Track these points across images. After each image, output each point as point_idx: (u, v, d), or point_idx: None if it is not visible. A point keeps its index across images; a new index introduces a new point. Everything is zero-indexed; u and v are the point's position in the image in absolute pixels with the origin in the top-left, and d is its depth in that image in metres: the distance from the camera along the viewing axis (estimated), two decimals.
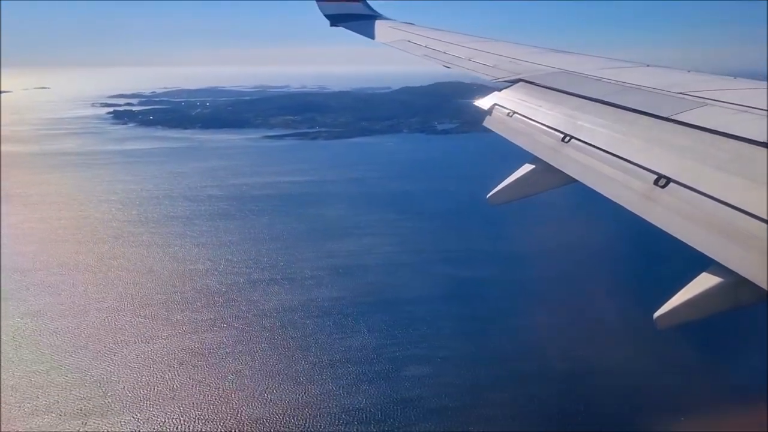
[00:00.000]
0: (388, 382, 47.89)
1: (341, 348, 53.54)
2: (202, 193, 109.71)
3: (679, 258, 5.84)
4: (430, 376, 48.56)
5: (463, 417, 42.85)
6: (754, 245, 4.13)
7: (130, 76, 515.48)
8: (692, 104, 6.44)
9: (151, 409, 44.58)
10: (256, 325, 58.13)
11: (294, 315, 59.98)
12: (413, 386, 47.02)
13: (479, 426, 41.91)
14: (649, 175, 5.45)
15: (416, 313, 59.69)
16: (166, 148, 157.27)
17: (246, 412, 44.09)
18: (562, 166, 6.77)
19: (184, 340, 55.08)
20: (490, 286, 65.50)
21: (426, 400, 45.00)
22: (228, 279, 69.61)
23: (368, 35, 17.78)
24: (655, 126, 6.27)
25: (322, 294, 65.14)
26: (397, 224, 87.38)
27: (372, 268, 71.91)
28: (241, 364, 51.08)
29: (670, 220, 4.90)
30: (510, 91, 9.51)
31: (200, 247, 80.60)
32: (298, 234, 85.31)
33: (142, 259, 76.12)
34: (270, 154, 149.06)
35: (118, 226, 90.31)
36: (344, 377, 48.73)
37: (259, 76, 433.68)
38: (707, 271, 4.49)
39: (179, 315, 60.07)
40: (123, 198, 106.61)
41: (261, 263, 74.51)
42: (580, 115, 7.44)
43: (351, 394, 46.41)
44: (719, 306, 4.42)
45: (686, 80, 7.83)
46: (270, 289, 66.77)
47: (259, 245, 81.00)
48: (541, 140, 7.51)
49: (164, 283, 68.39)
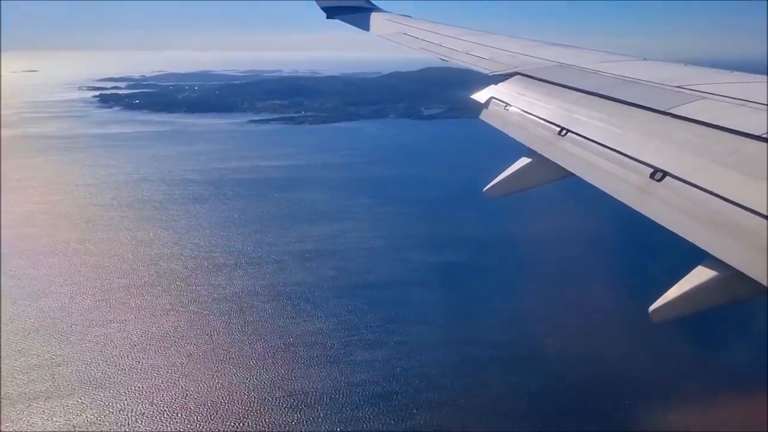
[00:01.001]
0: (338, 366, 47.73)
1: (297, 332, 53.29)
2: (181, 177, 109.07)
3: (674, 251, 5.92)
4: (382, 360, 48.41)
5: (406, 401, 42.73)
6: (749, 239, 4.14)
7: (121, 60, 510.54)
8: (689, 98, 6.45)
9: (98, 393, 44.38)
10: (214, 309, 57.81)
11: (254, 299, 59.69)
12: (362, 370, 46.85)
13: (422, 411, 41.82)
14: (645, 168, 5.45)
15: (378, 298, 59.49)
16: (149, 132, 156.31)
17: (194, 397, 43.89)
18: (558, 159, 6.77)
19: (139, 324, 54.78)
20: (459, 272, 65.19)
21: (372, 384, 44.84)
22: (192, 263, 69.24)
23: (364, 28, 17.70)
24: (651, 120, 6.28)
25: (285, 278, 64.83)
26: (372, 209, 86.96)
27: (340, 252, 71.56)
28: (194, 348, 50.89)
29: (666, 213, 4.90)
30: (507, 84, 9.54)
31: (170, 231, 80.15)
32: (271, 218, 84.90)
33: (110, 243, 75.64)
34: (254, 139, 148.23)
35: (92, 210, 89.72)
36: (295, 361, 48.54)
37: (251, 61, 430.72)
38: (702, 265, 4.49)
39: (138, 299, 59.77)
40: (100, 182, 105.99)
41: (229, 248, 74.14)
42: (577, 109, 7.44)
43: (299, 378, 46.23)
44: (714, 300, 4.44)
45: (683, 74, 7.84)
46: (234, 273, 66.42)
47: (229, 229, 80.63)
48: (537, 134, 7.51)
49: (128, 267, 68.00)
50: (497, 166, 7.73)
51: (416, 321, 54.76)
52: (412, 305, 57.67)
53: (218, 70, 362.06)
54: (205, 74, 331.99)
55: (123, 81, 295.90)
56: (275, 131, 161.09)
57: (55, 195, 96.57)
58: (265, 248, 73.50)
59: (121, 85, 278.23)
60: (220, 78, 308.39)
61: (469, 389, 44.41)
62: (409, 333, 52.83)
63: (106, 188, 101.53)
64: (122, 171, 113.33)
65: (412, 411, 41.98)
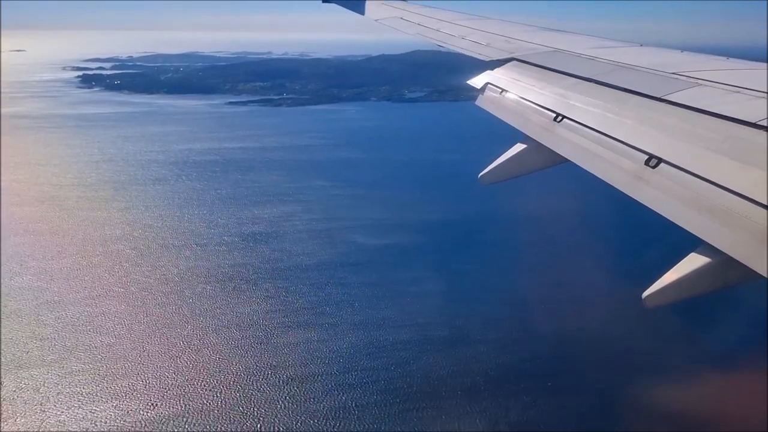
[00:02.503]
0: (265, 347, 47.60)
1: (231, 314, 53.10)
2: (144, 158, 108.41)
3: (668, 238, 5.98)
4: (307, 342, 48.28)
5: (322, 384, 42.67)
6: (743, 226, 4.15)
7: (111, 40, 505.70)
8: (684, 84, 6.47)
9: (23, 373, 44.02)
10: (154, 291, 57.61)
11: (196, 281, 59.43)
12: (286, 353, 46.74)
13: (335, 395, 41.76)
14: (640, 155, 5.46)
15: (316, 279, 59.33)
16: (123, 113, 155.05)
17: (111, 381, 43.60)
18: (553, 145, 6.77)
19: (77, 306, 54.37)
20: (399, 255, 65.00)
21: (291, 367, 44.73)
22: (141, 244, 68.86)
23: (359, 11, 17.59)
24: (647, 106, 6.29)
25: (230, 260, 64.54)
26: (326, 192, 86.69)
27: (288, 234, 71.33)
28: (124, 329, 50.61)
29: (660, 200, 4.94)
30: (503, 69, 9.54)
31: (123, 212, 79.67)
32: (226, 200, 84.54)
33: (61, 223, 75.19)
34: (227, 120, 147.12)
35: (49, 190, 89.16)
36: (223, 343, 48.38)
37: (242, 43, 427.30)
38: (696, 251, 4.52)
39: (77, 281, 59.42)
40: (63, 162, 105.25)
41: (179, 228, 73.79)
42: (573, 95, 7.45)
43: (224, 359, 46.09)
44: (708, 286, 4.49)
45: (679, 60, 7.89)
46: (180, 254, 66.13)
47: (183, 210, 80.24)
48: (533, 119, 7.51)
49: (75, 248, 67.57)
50: (465, 150, 7.40)
51: (351, 303, 54.64)
52: (349, 287, 57.53)
53: (207, 51, 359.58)
54: (193, 55, 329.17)
55: (109, 61, 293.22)
56: (251, 113, 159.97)
57: (16, 174, 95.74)
58: (215, 229, 73.17)
59: (106, 65, 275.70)
60: (208, 59, 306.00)
61: (390, 370, 44.39)
62: (342, 315, 52.70)
63: (68, 168, 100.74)
64: (87, 151, 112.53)
65: (327, 394, 41.88)
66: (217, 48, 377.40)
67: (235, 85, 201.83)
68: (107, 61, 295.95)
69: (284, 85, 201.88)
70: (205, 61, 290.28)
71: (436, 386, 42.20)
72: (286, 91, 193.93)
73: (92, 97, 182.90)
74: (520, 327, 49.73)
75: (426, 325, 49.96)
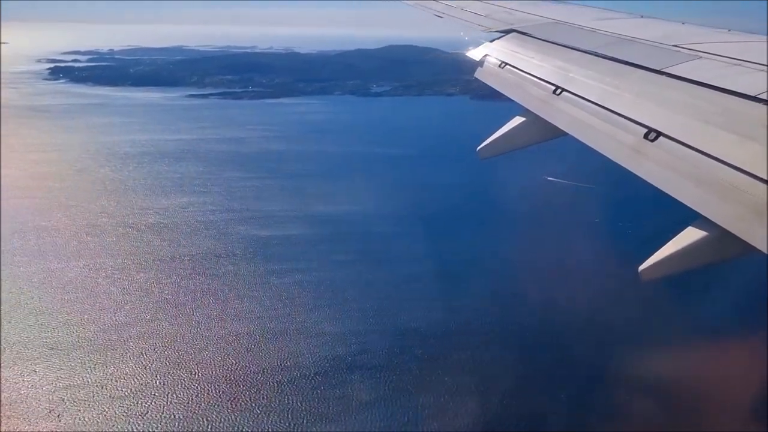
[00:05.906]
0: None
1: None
2: (75, 149, 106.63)
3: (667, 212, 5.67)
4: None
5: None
6: (741, 200, 4.09)
7: (99, 33, 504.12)
8: (685, 57, 6.39)
9: None
10: (21, 287, 55.89)
11: (62, 274, 57.78)
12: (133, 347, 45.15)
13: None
14: (639, 128, 5.36)
15: (187, 270, 57.77)
16: (77, 104, 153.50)
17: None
18: (552, 118, 6.68)
19: None
20: (285, 246, 63.39)
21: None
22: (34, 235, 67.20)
23: None
24: (647, 79, 6.19)
25: (114, 250, 62.92)
26: (237, 183, 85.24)
27: (181, 225, 69.75)
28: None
29: (659, 173, 4.86)
30: (502, 41, 9.37)
31: (29, 202, 78.00)
32: (137, 190, 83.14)
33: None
34: (177, 113, 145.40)
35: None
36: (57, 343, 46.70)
37: (230, 37, 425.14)
38: (693, 225, 4.45)
39: None
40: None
41: (77, 219, 72.09)
42: (573, 68, 7.37)
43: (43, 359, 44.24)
44: (704, 259, 4.42)
45: (680, 32, 7.79)
46: (68, 245, 64.43)
47: (90, 201, 78.40)
48: (532, 92, 7.41)
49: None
50: (403, 145, 5.81)
51: (215, 294, 53.16)
52: (218, 278, 56.07)
53: (193, 45, 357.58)
54: (176, 49, 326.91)
55: (88, 54, 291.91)
56: (206, 105, 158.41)
57: None
58: (112, 219, 71.59)
59: (82, 58, 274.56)
60: (188, 53, 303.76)
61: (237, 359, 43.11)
62: (207, 307, 51.18)
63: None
64: (21, 142, 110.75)
65: None
66: (203, 42, 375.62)
67: (202, 78, 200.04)
68: (86, 54, 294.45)
69: (252, 78, 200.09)
70: (185, 55, 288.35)
71: None
72: (252, 85, 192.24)
73: (53, 89, 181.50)
74: (375, 318, 48.20)
75: (266, 318, 48.44)
